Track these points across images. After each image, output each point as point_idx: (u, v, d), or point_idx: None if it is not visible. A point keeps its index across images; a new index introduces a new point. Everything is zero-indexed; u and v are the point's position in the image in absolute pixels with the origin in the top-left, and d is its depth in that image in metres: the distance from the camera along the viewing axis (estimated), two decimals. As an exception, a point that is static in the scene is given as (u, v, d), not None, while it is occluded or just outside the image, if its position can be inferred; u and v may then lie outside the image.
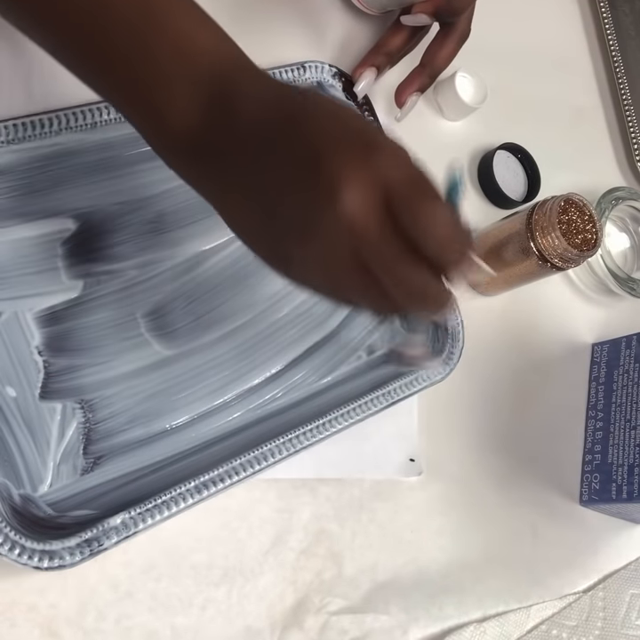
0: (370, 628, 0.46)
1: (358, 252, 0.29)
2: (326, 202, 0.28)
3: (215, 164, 0.31)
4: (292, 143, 0.29)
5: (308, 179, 0.28)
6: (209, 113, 0.30)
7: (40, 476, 0.39)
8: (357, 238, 0.28)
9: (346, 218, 0.28)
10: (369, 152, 0.28)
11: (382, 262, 0.29)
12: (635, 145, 0.70)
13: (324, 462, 0.47)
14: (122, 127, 0.45)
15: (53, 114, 0.43)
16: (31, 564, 0.36)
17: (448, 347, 0.51)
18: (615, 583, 0.56)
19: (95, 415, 0.42)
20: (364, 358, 0.51)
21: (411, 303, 0.31)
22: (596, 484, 0.56)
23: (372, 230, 0.28)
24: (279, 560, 0.45)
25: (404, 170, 0.29)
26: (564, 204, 0.51)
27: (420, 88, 0.55)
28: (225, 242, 0.48)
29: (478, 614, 0.51)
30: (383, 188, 0.28)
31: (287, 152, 0.29)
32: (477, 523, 0.53)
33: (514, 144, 0.62)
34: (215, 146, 0.30)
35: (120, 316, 0.44)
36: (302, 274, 0.32)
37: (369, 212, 0.28)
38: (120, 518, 0.38)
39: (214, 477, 0.41)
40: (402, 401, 0.48)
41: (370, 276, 0.29)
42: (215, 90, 0.30)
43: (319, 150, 0.28)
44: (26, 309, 0.41)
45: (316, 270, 0.30)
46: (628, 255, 0.68)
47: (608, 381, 0.59)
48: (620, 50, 0.71)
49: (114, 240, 0.44)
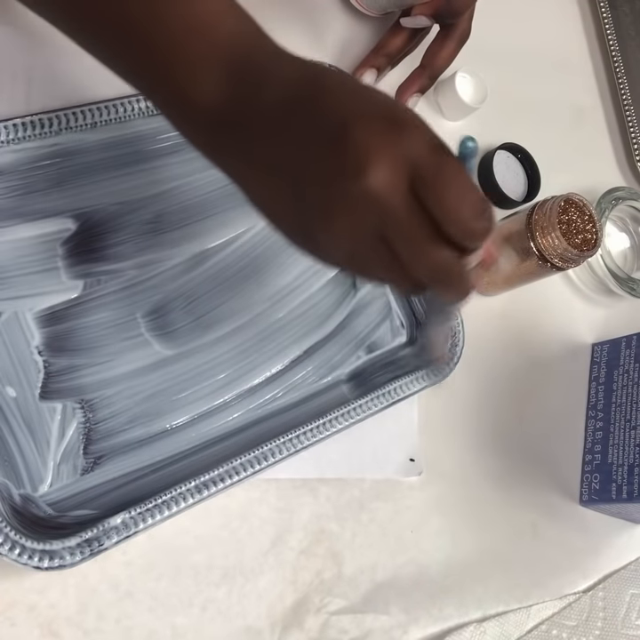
0: (370, 628, 0.46)
1: (384, 226, 0.29)
2: (353, 175, 0.28)
3: (239, 141, 0.30)
4: (317, 117, 0.29)
5: (334, 152, 0.28)
6: (233, 89, 0.30)
7: (40, 476, 0.39)
8: (384, 213, 0.28)
9: (373, 191, 0.28)
10: (397, 128, 0.28)
11: (406, 238, 0.29)
12: (635, 145, 0.70)
13: (324, 462, 0.47)
14: (121, 127, 0.45)
15: (53, 114, 0.43)
16: (31, 563, 0.36)
17: (448, 347, 0.51)
18: (615, 583, 0.56)
19: (95, 415, 0.42)
20: (363, 358, 0.51)
21: (432, 281, 0.31)
22: (596, 484, 0.56)
23: (397, 206, 0.28)
24: (279, 560, 0.45)
25: (431, 148, 0.29)
26: (564, 204, 0.51)
27: (420, 89, 0.54)
28: (225, 242, 0.48)
29: (478, 614, 0.51)
30: (410, 164, 0.28)
31: (313, 126, 0.29)
32: (477, 523, 0.53)
33: (514, 144, 0.62)
34: (239, 122, 0.30)
35: (120, 316, 0.44)
36: (328, 249, 0.32)
37: (396, 188, 0.28)
38: (120, 518, 0.38)
39: (214, 477, 0.41)
40: (402, 401, 0.48)
41: (393, 252, 0.30)
42: (238, 66, 0.30)
43: (346, 124, 0.28)
44: (26, 309, 0.41)
45: (341, 245, 0.30)
46: (627, 255, 0.68)
47: (608, 381, 0.59)
48: (620, 50, 0.71)
49: (114, 240, 0.44)
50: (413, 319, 0.53)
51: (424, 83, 0.54)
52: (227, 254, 0.48)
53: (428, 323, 0.49)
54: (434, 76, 0.55)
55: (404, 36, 0.54)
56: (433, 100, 0.61)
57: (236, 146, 0.31)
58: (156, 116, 0.46)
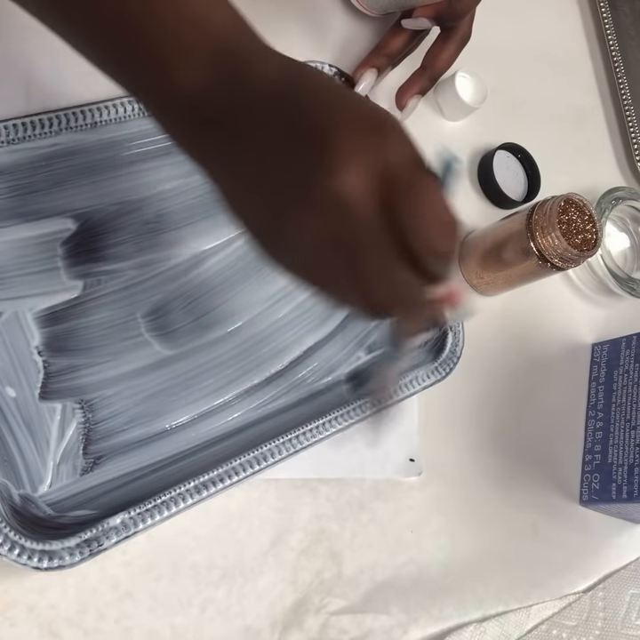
0: (370, 628, 0.46)
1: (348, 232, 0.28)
2: (326, 173, 0.27)
3: (216, 133, 0.30)
4: (298, 115, 0.28)
5: (311, 150, 0.28)
6: (217, 76, 0.30)
7: (40, 476, 0.39)
8: (350, 217, 0.28)
9: (342, 193, 0.27)
10: (378, 134, 0.28)
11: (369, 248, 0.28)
12: (635, 145, 0.70)
13: (324, 462, 0.47)
14: (122, 127, 0.45)
15: (53, 114, 0.43)
16: (31, 564, 0.36)
17: (448, 347, 0.51)
18: (615, 583, 0.56)
19: (95, 415, 0.42)
20: (363, 358, 0.51)
21: (390, 302, 0.30)
22: (596, 484, 0.56)
23: (364, 212, 0.28)
24: (279, 560, 0.45)
25: (411, 159, 0.28)
26: (564, 204, 0.51)
27: (420, 91, 0.54)
28: (225, 242, 0.48)
29: (478, 614, 0.51)
30: (386, 172, 0.28)
31: (293, 124, 0.28)
32: (477, 523, 0.53)
33: (514, 144, 0.62)
34: (219, 112, 0.30)
35: (120, 316, 0.44)
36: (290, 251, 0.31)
37: (366, 193, 0.27)
38: (120, 518, 0.38)
39: (214, 477, 0.41)
40: (402, 401, 0.48)
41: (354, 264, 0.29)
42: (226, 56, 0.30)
43: (327, 124, 0.28)
44: (26, 309, 0.41)
45: (303, 247, 0.30)
46: (627, 255, 0.68)
47: (608, 381, 0.59)
48: (620, 50, 0.71)
49: (114, 240, 0.44)
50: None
51: (424, 84, 0.54)
52: (227, 254, 0.48)
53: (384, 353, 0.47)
54: (434, 77, 0.55)
55: (404, 37, 0.54)
56: (433, 100, 0.61)
57: (213, 137, 0.30)
58: (156, 115, 0.46)
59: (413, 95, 0.54)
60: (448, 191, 0.30)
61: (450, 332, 0.51)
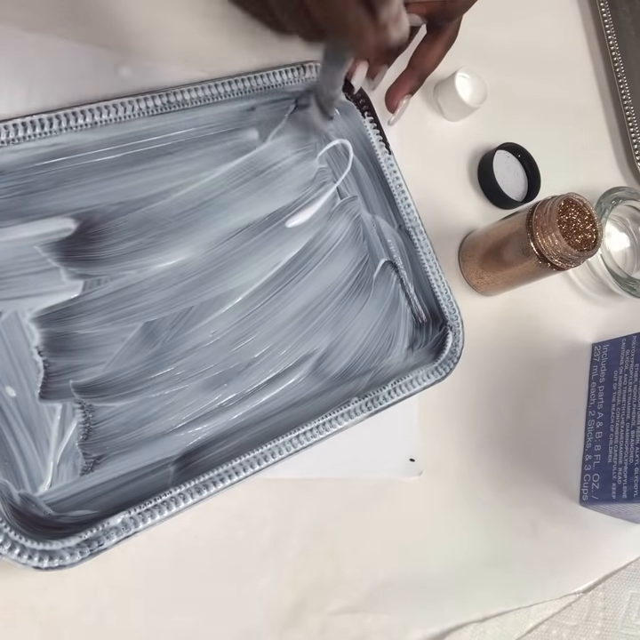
0: (370, 628, 0.46)
1: None
2: None
3: None
4: None
5: None
6: None
7: (40, 476, 0.39)
8: None
9: None
10: None
11: None
12: (635, 145, 0.70)
13: (324, 462, 0.47)
14: (122, 127, 0.45)
15: (53, 114, 0.43)
16: (31, 564, 0.36)
17: (448, 347, 0.51)
18: (615, 583, 0.56)
19: (95, 415, 0.42)
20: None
21: (327, 20, 0.31)
22: (596, 484, 0.56)
23: None
24: (279, 560, 0.45)
25: None
26: (564, 204, 0.51)
27: (410, 91, 0.55)
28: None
29: (478, 614, 0.51)
30: None
31: None
32: (477, 523, 0.53)
33: (514, 144, 0.62)
34: None
35: (120, 316, 0.44)
36: None
37: None
38: (120, 518, 0.39)
39: (214, 477, 0.41)
40: (402, 401, 0.48)
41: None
42: None
43: None
44: (26, 309, 0.41)
45: None
46: (628, 255, 0.68)
47: (608, 381, 0.59)
48: (620, 50, 0.71)
49: (114, 240, 0.44)
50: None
51: (414, 84, 0.55)
52: (227, 254, 0.48)
53: (322, 68, 0.46)
54: (423, 77, 0.55)
55: None
56: (433, 100, 0.61)
57: None
58: (157, 115, 0.46)
59: (404, 95, 0.54)
60: None
61: (450, 332, 0.51)
